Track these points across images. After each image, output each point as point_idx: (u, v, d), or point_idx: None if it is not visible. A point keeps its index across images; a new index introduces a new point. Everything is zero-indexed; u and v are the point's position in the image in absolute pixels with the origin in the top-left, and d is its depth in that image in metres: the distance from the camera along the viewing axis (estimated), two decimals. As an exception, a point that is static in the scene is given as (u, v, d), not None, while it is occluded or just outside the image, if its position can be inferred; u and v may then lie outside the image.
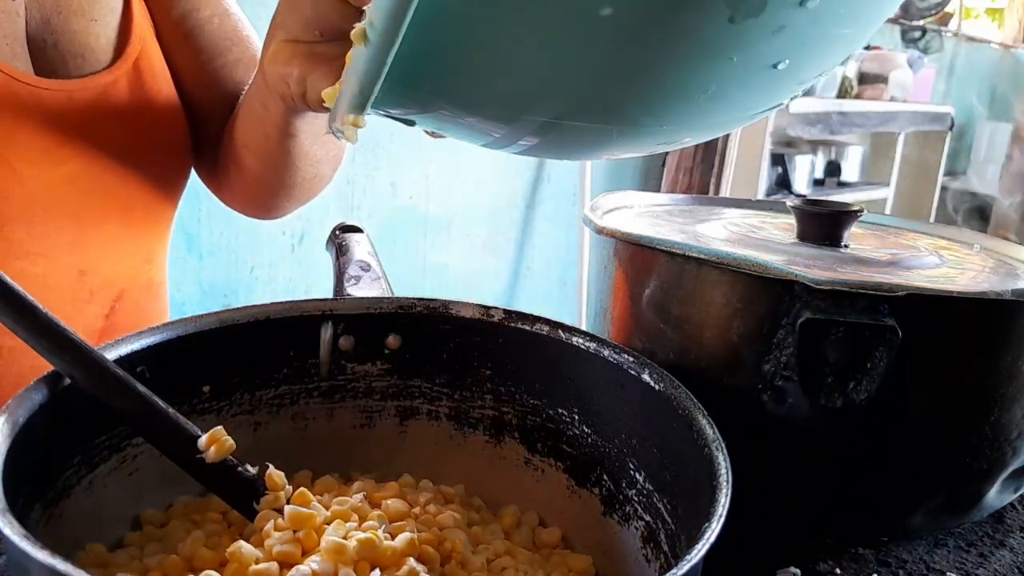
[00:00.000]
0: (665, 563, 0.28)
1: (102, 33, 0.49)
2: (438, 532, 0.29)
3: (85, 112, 0.47)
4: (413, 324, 0.36)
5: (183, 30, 0.53)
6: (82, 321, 0.50)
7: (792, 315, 0.32)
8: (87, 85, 0.48)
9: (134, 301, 0.53)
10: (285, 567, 0.25)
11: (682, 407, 0.29)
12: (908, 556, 0.38)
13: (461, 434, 0.36)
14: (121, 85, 0.49)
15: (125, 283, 0.52)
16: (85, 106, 0.47)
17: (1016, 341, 0.34)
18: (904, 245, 0.46)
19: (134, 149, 0.51)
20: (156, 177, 0.53)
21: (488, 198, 1.94)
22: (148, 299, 0.55)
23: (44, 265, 0.47)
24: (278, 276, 1.59)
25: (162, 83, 0.52)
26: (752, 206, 0.55)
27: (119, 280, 0.52)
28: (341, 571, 0.25)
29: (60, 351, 0.27)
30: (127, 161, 0.50)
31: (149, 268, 0.55)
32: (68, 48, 0.48)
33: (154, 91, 0.52)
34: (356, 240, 0.44)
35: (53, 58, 0.47)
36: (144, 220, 0.53)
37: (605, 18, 0.20)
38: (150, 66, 0.51)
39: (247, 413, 0.34)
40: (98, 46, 0.49)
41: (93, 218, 0.49)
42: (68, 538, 0.27)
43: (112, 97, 0.49)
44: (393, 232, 1.77)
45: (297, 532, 0.27)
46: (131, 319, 0.53)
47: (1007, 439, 0.35)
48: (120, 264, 0.52)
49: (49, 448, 0.26)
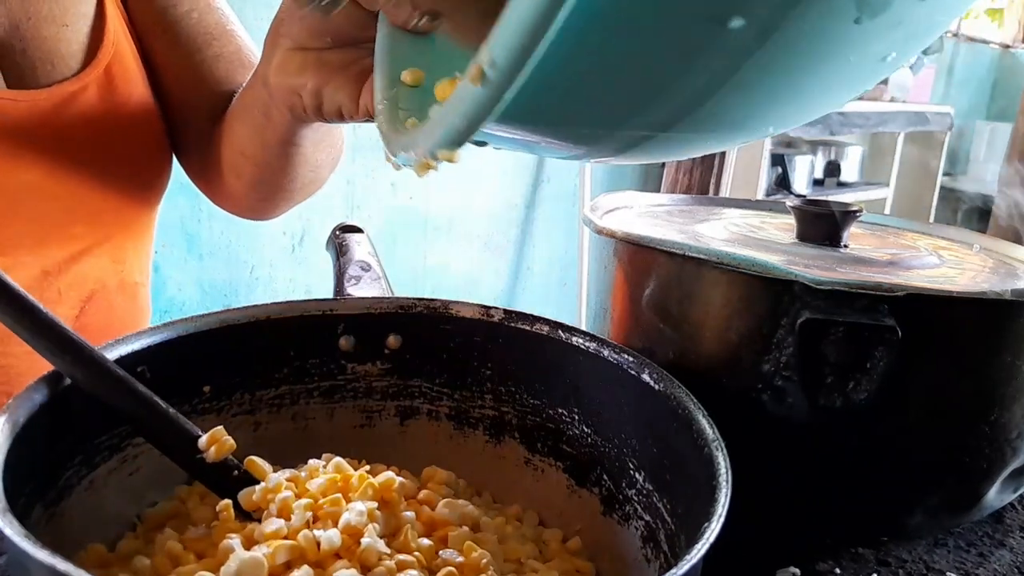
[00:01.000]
0: (665, 563, 0.28)
1: (73, 39, 0.48)
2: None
3: (49, 120, 0.46)
4: (413, 324, 0.36)
5: (161, 26, 0.52)
6: None
7: (792, 315, 0.32)
8: (53, 93, 0.46)
9: (107, 302, 0.53)
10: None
11: (682, 407, 0.29)
12: (908, 556, 0.38)
13: (461, 434, 0.36)
14: (91, 91, 0.48)
15: (94, 284, 0.52)
16: (50, 114, 0.46)
17: (1015, 341, 0.34)
18: (904, 245, 0.46)
19: (102, 154, 0.50)
20: (127, 181, 0.52)
21: (488, 198, 1.94)
22: (122, 300, 0.54)
23: (4, 264, 0.46)
24: (278, 276, 1.59)
25: (135, 86, 0.51)
26: (752, 206, 0.55)
27: (87, 281, 0.51)
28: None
29: (61, 351, 0.27)
30: (94, 167, 0.49)
31: (121, 269, 0.54)
32: (37, 55, 0.47)
33: (126, 95, 0.50)
34: (356, 240, 0.44)
35: (21, 64, 0.46)
36: (115, 223, 0.52)
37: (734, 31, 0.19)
38: (123, 70, 0.50)
39: (247, 413, 0.34)
40: (68, 52, 0.48)
41: (57, 222, 0.48)
42: (69, 538, 0.27)
43: (80, 104, 0.48)
44: (393, 232, 1.77)
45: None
46: (103, 319, 0.52)
47: (1007, 439, 0.35)
48: (87, 266, 0.51)
49: (50, 448, 0.26)
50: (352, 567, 0.25)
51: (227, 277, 1.51)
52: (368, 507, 0.27)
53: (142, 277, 0.57)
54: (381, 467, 0.32)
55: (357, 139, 1.64)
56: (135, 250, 0.56)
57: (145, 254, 0.57)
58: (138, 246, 0.56)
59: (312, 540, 0.26)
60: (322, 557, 0.26)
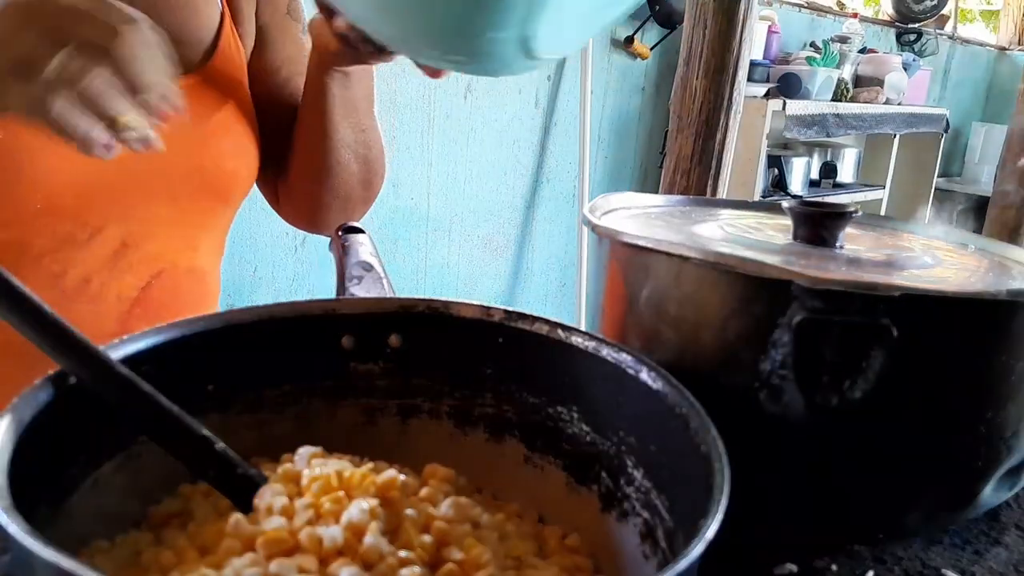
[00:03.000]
0: (663, 559, 0.28)
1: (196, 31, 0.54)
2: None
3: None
4: (415, 324, 0.36)
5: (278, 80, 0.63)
6: (117, 288, 0.53)
7: (788, 315, 0.33)
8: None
9: (173, 282, 0.56)
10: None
11: (680, 405, 0.29)
12: (904, 553, 0.38)
13: (462, 432, 0.37)
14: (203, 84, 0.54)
15: (165, 264, 0.56)
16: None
17: (1010, 340, 0.34)
18: (899, 246, 0.46)
19: (199, 146, 0.55)
20: (214, 175, 0.57)
21: (488, 199, 1.94)
22: (189, 283, 0.58)
23: (89, 232, 0.51)
24: (281, 277, 1.59)
25: (240, 89, 0.57)
26: (748, 207, 0.55)
27: (159, 260, 0.55)
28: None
29: (66, 350, 0.27)
30: (190, 156, 0.54)
31: (193, 255, 0.58)
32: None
33: (230, 92, 0.56)
34: (359, 241, 0.45)
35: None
36: (191, 211, 0.56)
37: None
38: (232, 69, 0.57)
39: (250, 412, 0.34)
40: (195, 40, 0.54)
41: (139, 198, 0.53)
42: (73, 536, 0.27)
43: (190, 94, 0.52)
44: (394, 232, 1.78)
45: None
46: (167, 297, 0.56)
47: (1002, 437, 0.36)
48: (161, 245, 0.55)
49: (55, 446, 0.27)
50: (354, 565, 0.26)
51: (230, 277, 1.51)
52: (370, 504, 0.28)
53: (211, 266, 0.61)
54: (384, 465, 0.32)
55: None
56: (209, 239, 0.60)
57: (218, 244, 0.62)
58: (212, 236, 0.61)
59: (315, 538, 0.26)
60: (324, 555, 0.26)
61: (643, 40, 2.12)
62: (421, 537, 0.28)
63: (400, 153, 1.72)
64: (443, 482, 0.33)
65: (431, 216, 1.83)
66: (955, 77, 3.41)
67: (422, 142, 1.75)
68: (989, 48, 3.61)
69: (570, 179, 2.10)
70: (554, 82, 1.98)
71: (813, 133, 2.28)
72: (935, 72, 3.16)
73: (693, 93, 1.70)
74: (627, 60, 2.14)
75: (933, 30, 3.08)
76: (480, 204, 1.93)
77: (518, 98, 1.92)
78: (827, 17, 2.75)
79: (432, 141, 1.77)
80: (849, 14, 2.82)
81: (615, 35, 2.08)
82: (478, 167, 1.89)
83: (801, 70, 2.31)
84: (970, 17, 3.80)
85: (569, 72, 1.99)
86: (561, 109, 2.02)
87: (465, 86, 1.80)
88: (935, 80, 3.19)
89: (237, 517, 0.27)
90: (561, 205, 2.11)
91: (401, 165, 1.73)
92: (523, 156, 1.98)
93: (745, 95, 1.76)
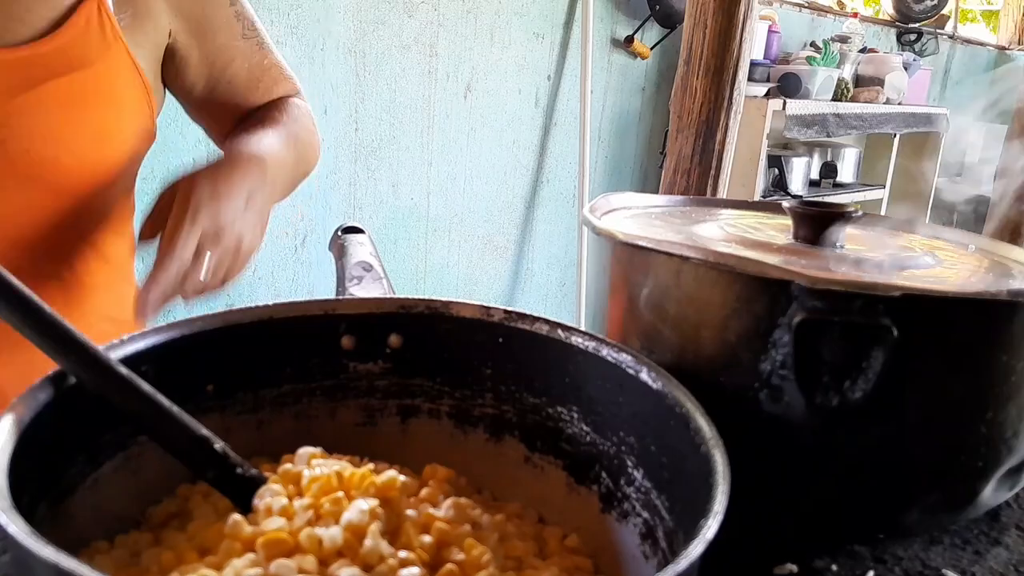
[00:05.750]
0: (663, 559, 0.28)
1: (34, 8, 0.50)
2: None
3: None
4: (414, 324, 0.36)
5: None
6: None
7: (789, 315, 0.33)
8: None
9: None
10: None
11: (680, 405, 0.29)
12: (904, 553, 0.38)
13: (462, 432, 0.37)
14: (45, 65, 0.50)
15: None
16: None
17: (1011, 341, 0.34)
18: (899, 246, 0.46)
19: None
20: (14, 154, 0.52)
21: (488, 199, 1.94)
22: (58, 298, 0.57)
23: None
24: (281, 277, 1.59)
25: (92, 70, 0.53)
26: (749, 207, 0.55)
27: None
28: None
29: (66, 350, 0.27)
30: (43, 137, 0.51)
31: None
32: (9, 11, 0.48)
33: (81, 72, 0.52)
34: (358, 241, 0.45)
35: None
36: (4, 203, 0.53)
37: None
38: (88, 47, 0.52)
39: (250, 412, 0.34)
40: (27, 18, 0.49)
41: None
42: (73, 536, 0.27)
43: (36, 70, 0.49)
44: (394, 233, 1.78)
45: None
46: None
47: (1002, 437, 0.35)
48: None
49: (54, 446, 0.27)
50: (354, 565, 0.26)
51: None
52: (370, 505, 0.28)
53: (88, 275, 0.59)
54: (384, 465, 0.32)
55: (359, 141, 1.64)
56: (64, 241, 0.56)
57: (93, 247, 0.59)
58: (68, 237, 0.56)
59: (314, 538, 0.26)
60: (324, 555, 0.26)
61: (643, 40, 2.12)
62: (421, 538, 0.28)
63: (400, 153, 1.72)
64: (443, 482, 0.33)
65: (431, 216, 1.83)
66: (955, 77, 3.41)
67: (422, 142, 1.75)
68: (989, 48, 3.61)
69: (570, 179, 2.10)
70: (554, 82, 1.99)
71: (813, 133, 2.28)
72: (935, 72, 3.16)
73: (693, 93, 1.70)
74: (627, 60, 2.14)
75: (933, 30, 3.08)
76: (480, 204, 1.93)
77: (518, 98, 1.92)
78: (827, 17, 2.75)
79: (432, 141, 1.77)
80: (849, 14, 2.82)
81: (615, 35, 2.08)
82: (478, 167, 1.89)
83: (801, 70, 2.31)
84: (970, 17, 3.80)
85: (569, 72, 2.00)
86: (561, 109, 2.02)
87: (465, 86, 1.80)
88: (935, 80, 3.19)
89: (237, 518, 0.27)
90: (561, 205, 2.11)
91: (401, 165, 1.73)
92: (523, 156, 1.99)
93: (745, 95, 1.76)
